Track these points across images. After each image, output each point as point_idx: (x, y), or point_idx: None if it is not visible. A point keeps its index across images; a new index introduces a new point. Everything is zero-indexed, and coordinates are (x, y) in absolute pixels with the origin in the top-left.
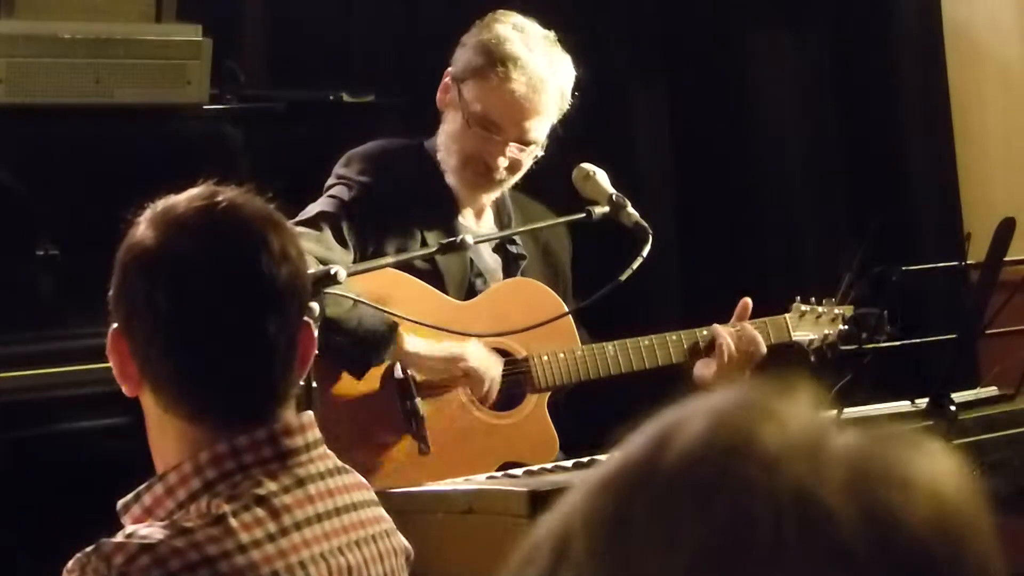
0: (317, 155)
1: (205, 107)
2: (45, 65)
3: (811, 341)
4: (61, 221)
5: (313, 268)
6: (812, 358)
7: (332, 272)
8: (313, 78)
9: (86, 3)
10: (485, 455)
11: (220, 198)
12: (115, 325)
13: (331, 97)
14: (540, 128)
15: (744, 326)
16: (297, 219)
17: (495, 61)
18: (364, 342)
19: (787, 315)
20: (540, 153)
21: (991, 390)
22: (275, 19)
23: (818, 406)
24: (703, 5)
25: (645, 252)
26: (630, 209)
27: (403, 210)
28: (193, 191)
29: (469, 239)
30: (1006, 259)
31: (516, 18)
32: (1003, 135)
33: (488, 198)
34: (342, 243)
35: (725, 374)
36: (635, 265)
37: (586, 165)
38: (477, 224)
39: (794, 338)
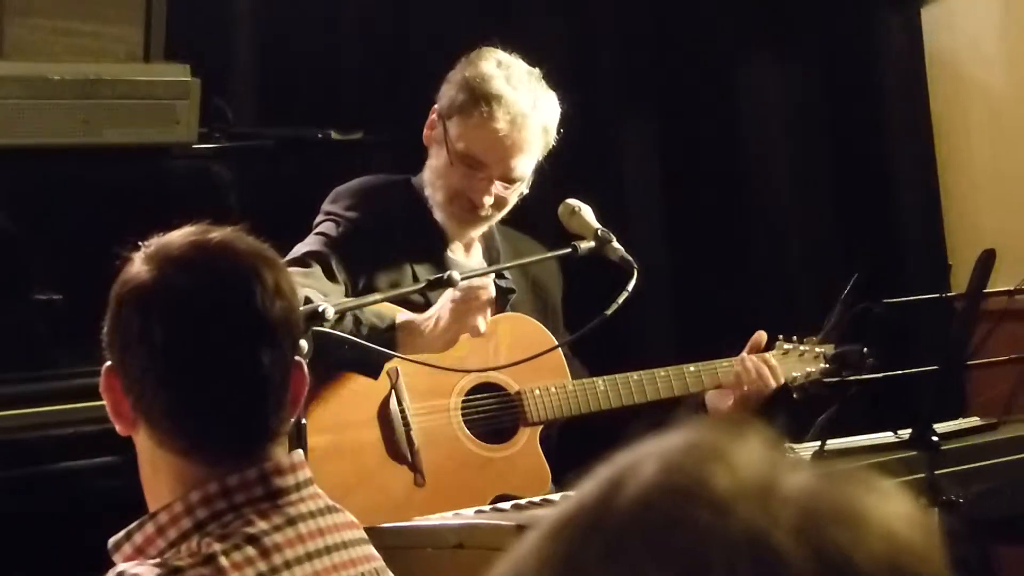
0: (307, 192)
1: (194, 146)
2: (34, 106)
3: (795, 378)
4: (53, 261)
5: (307, 306)
6: (795, 395)
7: (320, 310)
8: (301, 116)
9: (74, 44)
10: (478, 487)
11: (214, 235)
12: (109, 363)
13: (320, 135)
14: (524, 165)
15: (760, 359)
16: (288, 257)
17: (478, 99)
18: (373, 342)
19: (772, 352)
20: (525, 190)
21: (973, 420)
22: (263, 58)
23: (770, 445)
24: (691, 37)
25: (631, 287)
26: (615, 244)
27: (392, 245)
28: (187, 229)
29: (456, 275)
30: (987, 290)
31: (500, 55)
32: (987, 164)
33: (476, 232)
34: (332, 279)
35: (743, 405)
36: (621, 299)
37: (572, 201)
38: (466, 258)
39: (778, 373)
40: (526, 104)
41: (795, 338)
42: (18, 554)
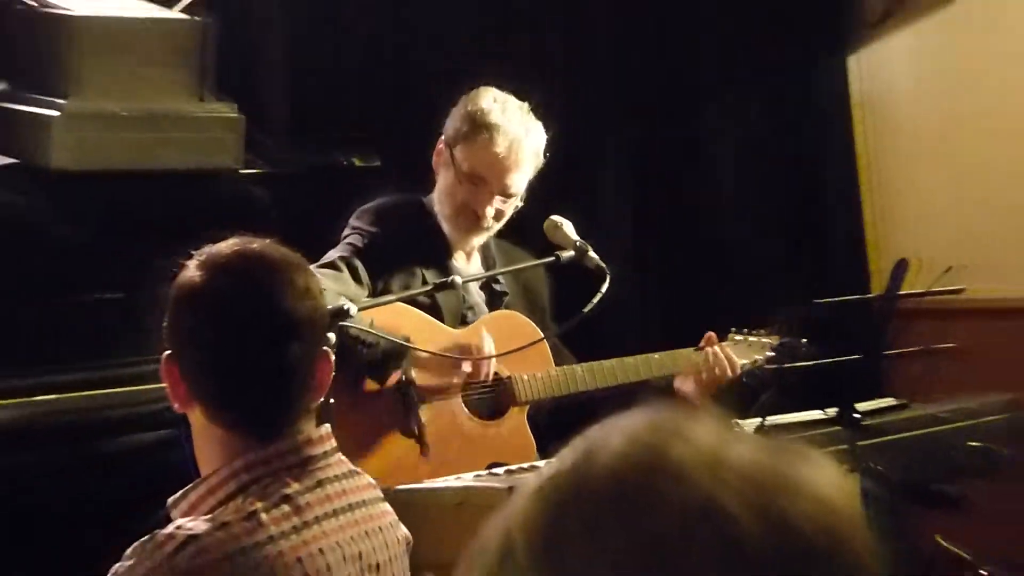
0: (333, 210)
1: (239, 171)
2: (107, 138)
3: (743, 365)
4: (120, 268)
5: (331, 304)
6: (744, 379)
7: (345, 307)
8: (329, 146)
9: (141, 86)
10: (474, 456)
11: (253, 245)
12: (167, 352)
13: (344, 162)
14: (519, 182)
15: (719, 350)
16: (320, 262)
17: (480, 127)
18: (386, 354)
19: (726, 342)
20: (520, 204)
21: (889, 400)
22: (297, 97)
23: (720, 423)
24: (661, 81)
25: (604, 289)
26: (592, 254)
27: (406, 254)
28: (231, 240)
29: (458, 279)
30: (901, 292)
31: (496, 92)
32: (903, 187)
33: (477, 242)
34: (357, 281)
35: (704, 389)
36: (595, 300)
37: (555, 217)
38: (467, 265)
39: (736, 362)
40: (519, 131)
41: (746, 330)
42: (89, 515)
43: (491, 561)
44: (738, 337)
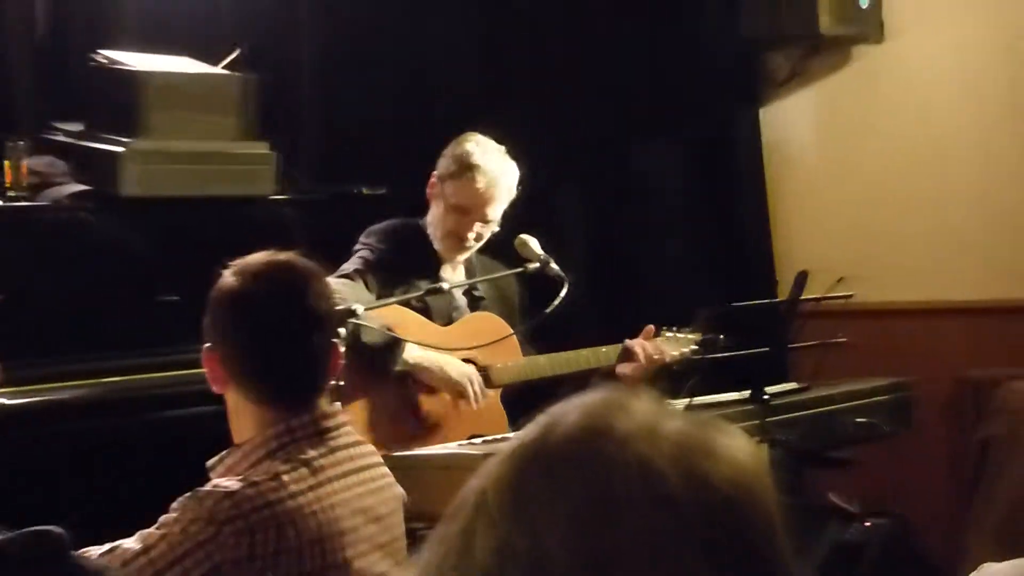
0: (348, 230)
1: (272, 198)
2: (166, 170)
3: (673, 356)
4: (176, 275)
5: (342, 306)
6: (674, 367)
7: (353, 308)
8: (345, 177)
9: (193, 128)
10: (458, 428)
11: (280, 257)
12: (208, 344)
13: (355, 191)
14: (496, 211)
15: (652, 342)
16: (338, 273)
17: (465, 168)
18: (384, 350)
19: (659, 338)
20: (496, 228)
21: (792, 384)
22: (320, 138)
23: (656, 401)
24: (600, 129)
25: (563, 294)
26: (553, 265)
27: (405, 266)
28: (260, 253)
29: (445, 286)
30: (802, 297)
31: (479, 137)
32: (803, 215)
33: (462, 257)
34: (368, 288)
35: (641, 374)
36: (555, 303)
37: (524, 236)
38: (453, 275)
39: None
40: (497, 171)
41: (675, 328)
42: (146, 475)
43: (469, 513)
44: (669, 333)
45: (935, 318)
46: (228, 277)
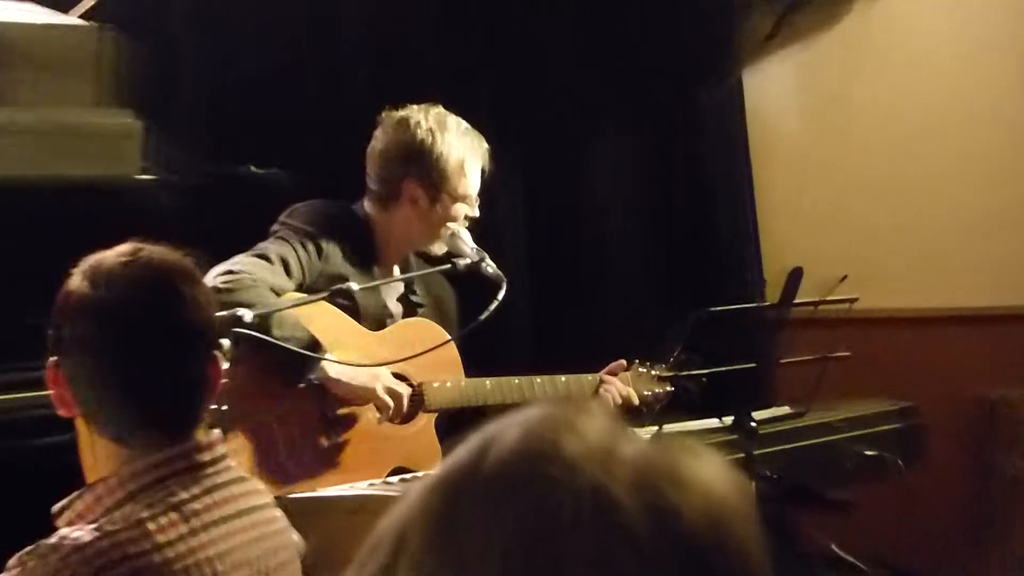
0: (230, 217)
1: (135, 178)
2: (3, 144)
3: (644, 396)
4: (14, 276)
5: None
6: (643, 409)
7: (239, 314)
8: (227, 153)
9: (39, 92)
10: (381, 459)
11: (142, 254)
12: (53, 359)
13: (241, 169)
14: None
15: (617, 388)
16: (253, 252)
17: (466, 158)
18: (295, 357)
19: (629, 372)
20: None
21: (784, 409)
22: (195, 104)
23: (612, 421)
24: (546, 112)
25: (501, 296)
26: (488, 261)
27: (336, 256)
28: (120, 247)
29: (354, 285)
30: (795, 301)
31: (443, 117)
32: (794, 199)
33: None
34: (288, 275)
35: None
36: (492, 307)
37: (451, 225)
38: (390, 275)
39: (633, 397)
40: (484, 142)
41: (648, 364)
42: None
43: (385, 556)
44: (641, 369)
45: (953, 327)
46: (78, 279)
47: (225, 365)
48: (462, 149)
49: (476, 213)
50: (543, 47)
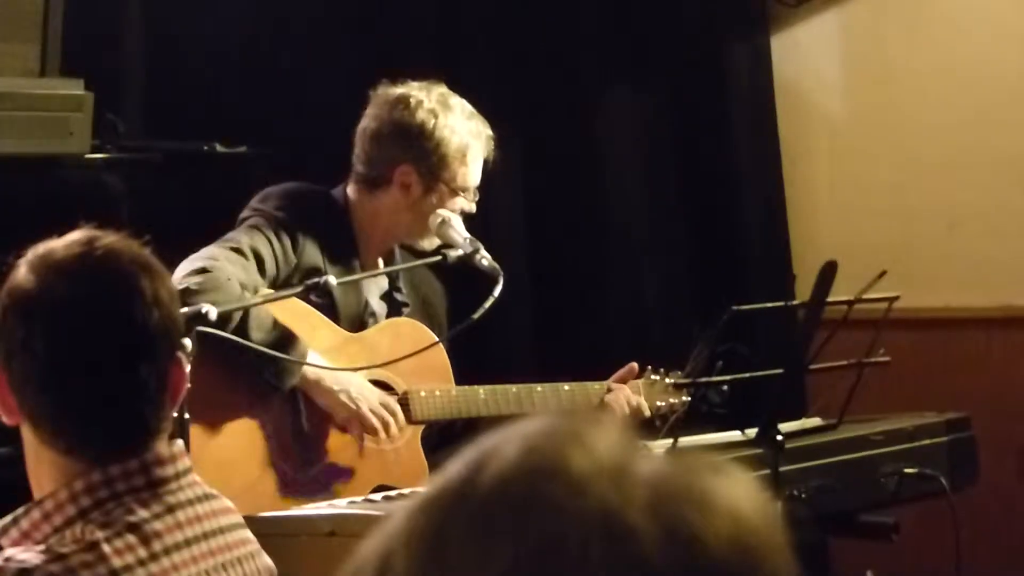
0: (193, 202)
1: (87, 156)
2: None
3: (658, 408)
4: None
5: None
6: (656, 423)
7: (204, 311)
8: (189, 130)
9: None
10: (361, 476)
11: (97, 244)
12: None
13: (205, 148)
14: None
15: (627, 398)
16: (224, 244)
17: (466, 145)
18: (268, 359)
19: (641, 381)
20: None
21: (815, 421)
22: (153, 74)
23: (625, 434)
24: (555, 69)
25: (497, 292)
26: (483, 252)
27: (311, 245)
28: (72, 236)
29: (332, 279)
30: (828, 299)
31: (447, 97)
32: (828, 182)
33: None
34: (261, 270)
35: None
36: (487, 304)
37: (442, 211)
38: (370, 267)
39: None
40: (487, 129)
41: (662, 371)
42: None
43: None
44: (655, 377)
45: (1008, 329)
46: (23, 271)
47: (187, 368)
48: (466, 135)
49: (473, 208)
50: None
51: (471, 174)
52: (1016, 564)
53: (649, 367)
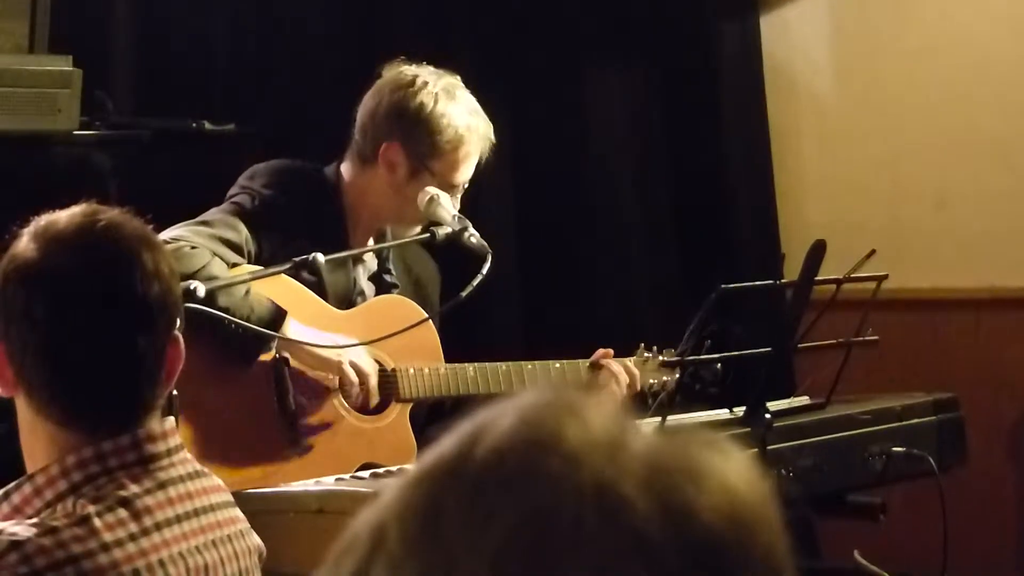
0: (181, 180)
1: (75, 133)
2: None
3: (650, 385)
4: None
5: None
6: (649, 400)
7: (192, 288)
8: (178, 108)
9: None
10: (349, 454)
11: (99, 217)
12: None
13: (194, 125)
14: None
15: (621, 365)
16: (200, 218)
17: (457, 139)
18: (254, 329)
19: (632, 359)
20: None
21: (803, 400)
22: (142, 51)
23: (620, 410)
24: (537, 47)
25: (486, 269)
26: (471, 230)
27: (298, 223)
28: (75, 209)
29: (320, 257)
30: (817, 279)
31: (451, 86)
32: (817, 162)
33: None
34: (238, 245)
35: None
36: (476, 282)
37: (430, 189)
38: (359, 245)
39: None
40: (487, 128)
41: (655, 348)
42: None
43: (361, 555)
44: (647, 354)
45: (996, 310)
46: (25, 241)
47: (182, 346)
48: (463, 128)
49: (457, 205)
50: None
51: (461, 170)
52: (1004, 544)
53: (642, 344)
